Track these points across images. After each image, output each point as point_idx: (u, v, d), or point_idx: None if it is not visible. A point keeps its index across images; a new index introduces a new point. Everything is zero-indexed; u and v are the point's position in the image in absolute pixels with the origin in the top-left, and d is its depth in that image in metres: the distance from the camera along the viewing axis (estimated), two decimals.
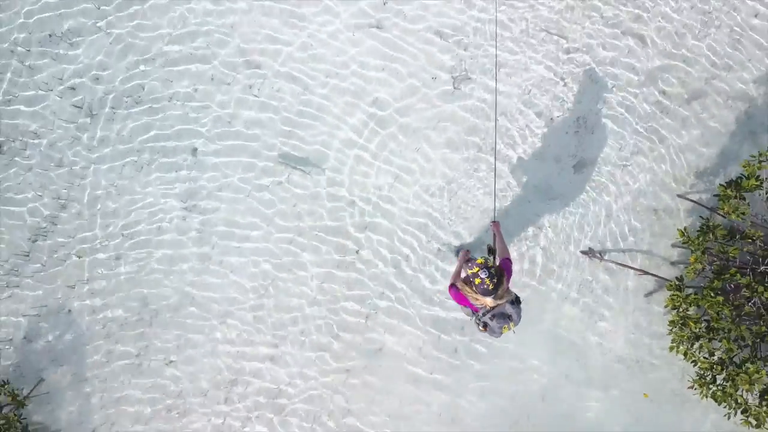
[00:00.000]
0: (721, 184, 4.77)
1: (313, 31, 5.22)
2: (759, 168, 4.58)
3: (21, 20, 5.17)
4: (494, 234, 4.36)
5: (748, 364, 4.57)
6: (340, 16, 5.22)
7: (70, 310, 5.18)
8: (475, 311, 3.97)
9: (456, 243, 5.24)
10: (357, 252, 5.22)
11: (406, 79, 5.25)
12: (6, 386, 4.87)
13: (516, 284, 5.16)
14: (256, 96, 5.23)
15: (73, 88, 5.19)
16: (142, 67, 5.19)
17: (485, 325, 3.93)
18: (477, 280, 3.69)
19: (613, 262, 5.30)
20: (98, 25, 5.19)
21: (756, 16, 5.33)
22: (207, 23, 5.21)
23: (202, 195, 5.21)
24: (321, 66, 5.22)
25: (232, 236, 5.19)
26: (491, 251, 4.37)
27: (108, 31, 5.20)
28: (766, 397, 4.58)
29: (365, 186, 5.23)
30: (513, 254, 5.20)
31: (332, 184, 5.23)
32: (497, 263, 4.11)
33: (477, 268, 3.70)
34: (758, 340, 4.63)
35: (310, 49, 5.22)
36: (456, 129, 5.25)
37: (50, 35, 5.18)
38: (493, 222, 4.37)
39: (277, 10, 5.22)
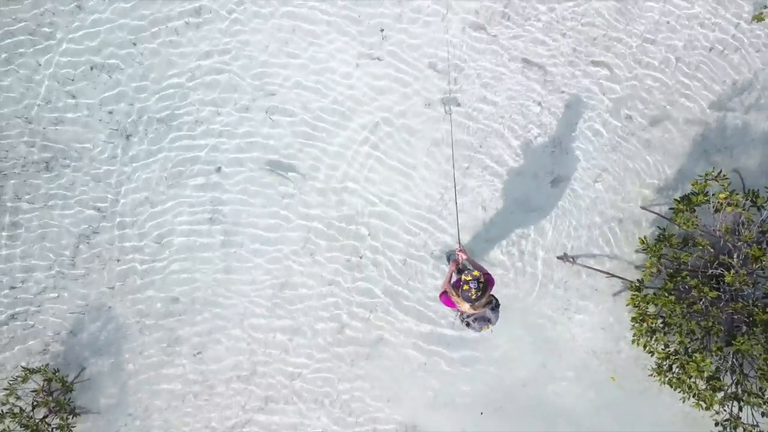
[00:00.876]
0: (675, 199, 5.53)
1: (323, 65, 5.95)
2: (705, 186, 5.33)
3: (64, 46, 5.87)
4: (460, 254, 4.87)
5: (696, 355, 5.33)
6: (348, 51, 5.95)
7: (109, 307, 5.90)
8: (460, 313, 4.69)
9: (447, 248, 5.99)
10: (361, 257, 5.96)
11: (404, 102, 5.98)
12: (56, 374, 5.60)
13: (500, 284, 5.90)
14: (272, 119, 5.96)
15: (110, 112, 5.91)
16: (173, 93, 5.91)
17: (468, 324, 4.65)
18: (465, 287, 4.36)
19: (584, 266, 6.06)
20: (135, 59, 5.90)
21: (710, 50, 6.07)
22: (228, 63, 5.93)
23: (226, 206, 5.93)
24: (329, 94, 5.95)
25: (254, 241, 5.92)
26: (454, 260, 4.99)
27: (141, 62, 5.91)
28: (711, 382, 5.35)
29: (369, 196, 5.96)
30: (498, 257, 5.95)
31: (341, 192, 5.96)
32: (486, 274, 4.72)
33: (470, 277, 4.35)
34: (706, 333, 5.39)
35: (320, 80, 5.95)
36: (445, 146, 5.99)
37: (92, 67, 5.89)
38: (460, 250, 4.86)
39: (293, 46, 5.94)
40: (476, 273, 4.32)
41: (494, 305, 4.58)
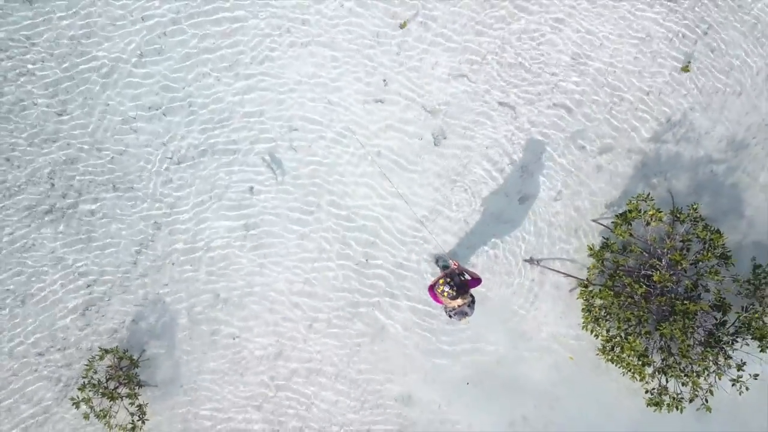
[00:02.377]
0: (615, 215, 7.00)
1: (334, 107, 7.39)
2: (638, 205, 6.79)
3: (130, 91, 7.30)
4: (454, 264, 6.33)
5: (630, 337, 6.80)
6: (349, 100, 7.39)
7: (164, 301, 7.34)
8: (444, 306, 6.14)
9: (436, 254, 7.44)
10: (367, 260, 7.42)
11: (404, 137, 7.43)
12: (126, 353, 7.05)
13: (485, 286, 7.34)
14: (294, 150, 7.40)
15: (164, 144, 7.34)
16: (214, 130, 7.34)
17: (450, 316, 6.10)
18: (440, 290, 5.78)
19: (547, 267, 7.52)
20: (182, 102, 7.33)
21: (648, 94, 7.53)
22: (263, 109, 7.37)
23: (257, 220, 7.37)
24: (337, 128, 7.40)
25: (280, 249, 7.37)
26: (446, 268, 6.49)
27: (188, 101, 7.34)
28: (642, 359, 6.82)
29: (376, 216, 7.41)
30: (477, 261, 7.41)
31: (349, 208, 7.41)
32: (464, 278, 6.10)
33: (442, 281, 5.78)
34: (638, 321, 6.85)
35: (333, 121, 7.40)
36: (435, 171, 7.43)
37: (149, 107, 7.32)
38: (454, 262, 6.27)
39: (311, 94, 7.39)
40: (443, 280, 5.69)
41: (470, 302, 6.02)
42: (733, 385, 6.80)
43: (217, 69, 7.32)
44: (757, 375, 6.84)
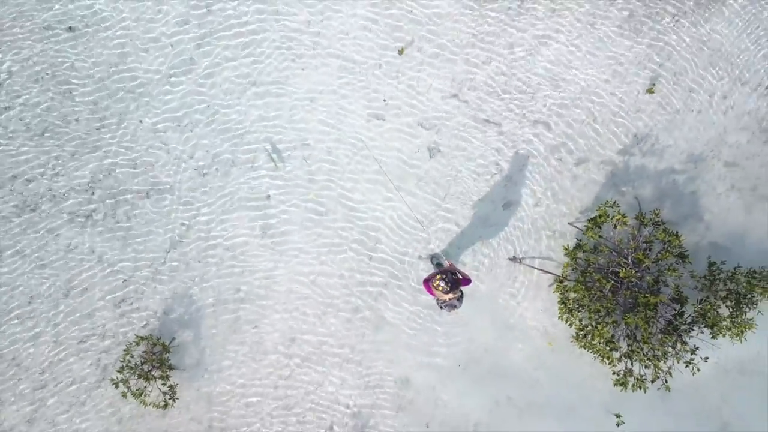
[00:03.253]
0: (587, 219, 8.01)
1: (342, 124, 8.39)
2: (606, 211, 7.80)
3: (155, 111, 8.28)
4: (450, 265, 7.36)
5: (599, 326, 7.81)
6: (354, 116, 8.39)
7: (191, 294, 8.33)
8: (436, 299, 7.14)
9: (431, 253, 8.44)
10: (370, 259, 8.43)
11: (400, 149, 8.43)
12: (159, 340, 8.04)
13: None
14: (307, 161, 8.39)
15: (191, 155, 8.32)
16: (233, 138, 8.33)
17: (441, 308, 7.10)
18: (436, 284, 6.79)
19: (528, 265, 8.52)
20: (205, 114, 8.32)
21: (614, 115, 8.54)
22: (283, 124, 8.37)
23: (274, 223, 8.36)
24: (344, 143, 8.40)
25: (293, 249, 8.35)
26: (440, 265, 7.51)
27: (211, 113, 8.32)
28: (608, 345, 7.83)
29: (378, 219, 8.41)
30: (466, 259, 8.41)
31: (355, 211, 8.40)
32: (456, 277, 7.09)
33: (439, 276, 6.79)
34: (607, 312, 7.86)
35: (340, 137, 8.40)
36: (430, 180, 8.43)
37: (177, 124, 8.30)
38: (449, 262, 7.40)
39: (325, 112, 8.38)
40: (440, 276, 6.70)
41: (459, 296, 7.01)
42: (686, 366, 7.82)
43: (238, 82, 8.31)
44: (707, 358, 7.87)
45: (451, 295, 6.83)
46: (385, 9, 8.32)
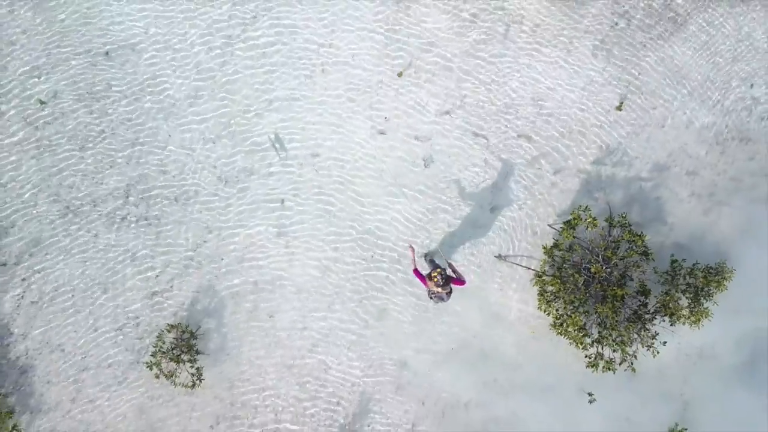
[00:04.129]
0: (563, 222, 9.14)
1: (348, 137, 9.51)
2: (579, 215, 8.93)
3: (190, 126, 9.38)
4: (450, 264, 8.49)
5: (573, 315, 8.94)
6: (358, 134, 9.50)
7: (215, 288, 9.43)
8: (428, 289, 8.25)
9: (427, 250, 9.56)
10: (372, 256, 9.54)
11: (400, 159, 9.54)
12: (187, 328, 9.14)
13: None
14: (317, 171, 9.50)
15: (214, 165, 9.42)
16: (252, 148, 9.44)
17: (430, 298, 8.23)
18: (435, 277, 7.92)
19: (513, 262, 9.65)
20: (227, 128, 9.42)
21: (588, 130, 9.68)
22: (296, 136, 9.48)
23: (287, 224, 9.46)
24: (350, 155, 9.51)
25: (306, 248, 9.46)
26: (432, 262, 8.63)
27: (233, 129, 9.42)
28: (581, 331, 8.96)
29: (378, 223, 9.52)
30: (458, 257, 9.53)
31: (362, 214, 9.52)
32: (449, 273, 8.19)
33: (438, 271, 7.92)
34: (580, 303, 8.98)
35: (347, 149, 9.51)
36: (425, 187, 9.54)
37: (205, 141, 9.40)
38: (449, 262, 8.54)
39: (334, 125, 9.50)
40: (439, 270, 7.85)
41: (448, 292, 8.12)
42: (648, 349, 8.97)
43: (255, 96, 9.41)
44: (665, 342, 9.03)
45: (441, 289, 7.96)
46: (385, 41, 9.43)
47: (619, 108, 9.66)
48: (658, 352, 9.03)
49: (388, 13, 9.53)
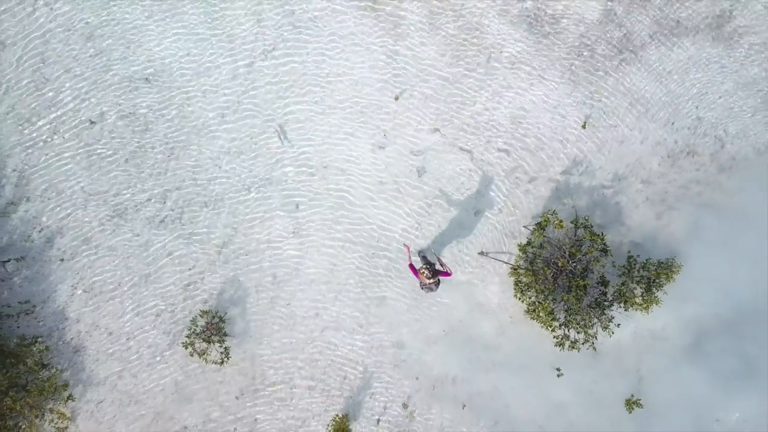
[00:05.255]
0: (535, 223, 10.80)
1: (353, 151, 11.14)
2: (548, 218, 10.58)
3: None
4: (438, 259, 10.17)
5: (544, 302, 10.59)
6: (361, 149, 11.14)
7: (239, 280, 11.05)
8: (419, 280, 9.90)
9: (420, 247, 11.20)
10: (373, 254, 11.19)
11: (395, 171, 11.18)
12: (217, 313, 10.77)
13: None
14: (326, 180, 11.14)
15: (243, 185, 11.04)
16: (272, 164, 11.06)
17: (422, 288, 9.88)
18: (423, 271, 9.57)
19: (494, 258, 11.31)
20: (249, 147, 11.04)
21: (558, 145, 11.34)
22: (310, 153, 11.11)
23: (302, 226, 11.09)
24: (355, 166, 11.15)
25: (317, 246, 11.10)
26: (424, 258, 10.29)
27: (254, 146, 11.04)
28: (550, 316, 10.62)
29: (383, 228, 11.16)
30: (446, 254, 11.17)
31: (365, 216, 11.16)
32: (437, 267, 9.86)
33: (428, 266, 9.56)
34: (549, 292, 10.64)
35: (352, 161, 11.15)
36: (418, 195, 11.18)
37: (228, 150, 11.02)
38: (438, 257, 10.19)
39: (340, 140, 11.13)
40: (429, 265, 9.53)
41: (436, 282, 9.77)
42: (604, 330, 10.65)
43: (273, 117, 11.05)
44: (619, 324, 10.70)
45: (430, 281, 9.62)
46: (385, 69, 11.09)
47: (584, 126, 11.32)
48: (613, 333, 10.72)
49: (388, 47, 11.15)
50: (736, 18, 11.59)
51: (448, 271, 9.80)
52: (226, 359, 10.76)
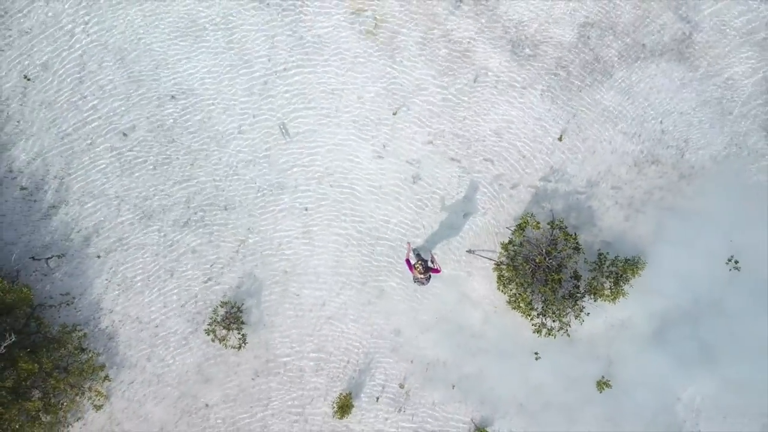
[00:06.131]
0: (516, 225, 12.23)
1: (355, 160, 12.56)
2: (527, 220, 12.01)
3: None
4: (432, 256, 11.62)
5: (523, 294, 12.03)
6: (362, 158, 12.56)
7: (254, 275, 12.45)
8: (412, 275, 11.34)
9: (416, 246, 12.62)
10: (373, 251, 12.61)
11: (393, 178, 12.60)
12: (235, 304, 12.18)
13: (443, 265, 12.53)
14: (331, 186, 12.55)
15: (258, 191, 12.45)
16: (283, 172, 12.47)
17: (415, 281, 11.31)
18: (417, 267, 11.00)
19: (480, 255, 12.74)
20: (263, 157, 12.46)
21: (537, 155, 12.79)
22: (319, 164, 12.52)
23: (310, 227, 12.50)
24: (357, 173, 12.56)
25: (323, 244, 12.51)
26: (419, 255, 11.72)
27: (268, 156, 12.45)
28: (528, 306, 12.05)
29: (383, 227, 12.58)
30: (437, 252, 12.60)
31: (366, 217, 12.58)
32: (429, 264, 11.31)
33: (421, 262, 10.99)
34: (528, 285, 12.07)
35: (354, 169, 12.56)
36: (414, 199, 12.60)
37: (245, 159, 12.43)
38: (432, 254, 11.63)
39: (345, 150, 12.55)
40: (419, 262, 10.98)
41: (428, 277, 11.22)
42: (576, 318, 12.10)
43: (282, 133, 12.45)
44: (589, 313, 12.15)
45: (422, 276, 11.07)
46: (384, 87, 12.51)
47: (560, 138, 12.76)
48: (584, 321, 12.18)
49: (387, 70, 12.57)
50: (695, 42, 13.03)
51: (438, 269, 11.21)
52: (243, 344, 12.17)
